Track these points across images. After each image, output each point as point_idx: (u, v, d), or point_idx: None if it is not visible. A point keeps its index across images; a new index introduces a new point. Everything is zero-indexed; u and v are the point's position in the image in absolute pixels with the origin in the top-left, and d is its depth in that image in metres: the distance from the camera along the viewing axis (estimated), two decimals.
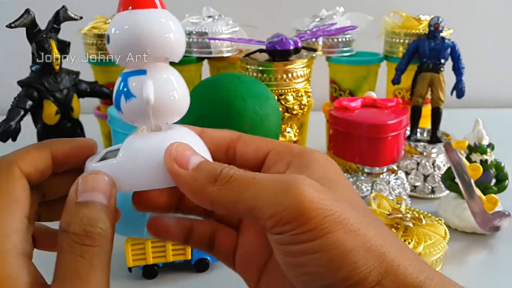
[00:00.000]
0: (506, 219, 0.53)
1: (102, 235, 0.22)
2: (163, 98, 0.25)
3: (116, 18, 0.25)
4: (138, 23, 0.24)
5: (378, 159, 0.57)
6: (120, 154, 0.25)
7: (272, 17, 0.98)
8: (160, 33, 0.25)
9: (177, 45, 0.26)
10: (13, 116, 0.58)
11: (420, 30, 0.68)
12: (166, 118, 0.26)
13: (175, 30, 0.25)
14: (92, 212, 0.22)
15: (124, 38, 0.25)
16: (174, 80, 0.26)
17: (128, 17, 0.25)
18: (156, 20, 0.25)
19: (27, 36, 0.58)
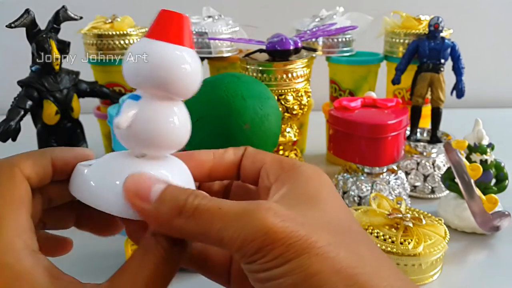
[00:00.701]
0: (506, 219, 0.53)
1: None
2: (144, 130, 0.24)
3: (144, 45, 0.25)
4: (160, 56, 0.24)
5: (378, 159, 0.57)
6: (92, 166, 0.25)
7: (272, 17, 0.98)
8: (174, 73, 0.24)
9: (186, 88, 0.25)
10: (13, 116, 0.58)
11: (420, 30, 0.68)
12: (145, 149, 0.25)
13: (189, 75, 0.25)
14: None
15: (140, 68, 0.24)
16: (165, 115, 0.25)
17: (151, 47, 0.24)
18: (177, 59, 0.24)
19: (27, 36, 0.58)
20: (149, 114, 0.25)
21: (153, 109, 0.25)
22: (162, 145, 0.25)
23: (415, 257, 0.45)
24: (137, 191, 0.23)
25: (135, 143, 0.25)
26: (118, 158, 0.26)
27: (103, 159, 0.26)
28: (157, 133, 0.25)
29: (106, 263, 0.49)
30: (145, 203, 0.22)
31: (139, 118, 0.24)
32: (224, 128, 0.49)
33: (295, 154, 0.69)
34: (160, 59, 0.24)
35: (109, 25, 0.70)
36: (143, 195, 0.22)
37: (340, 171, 0.63)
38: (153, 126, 0.24)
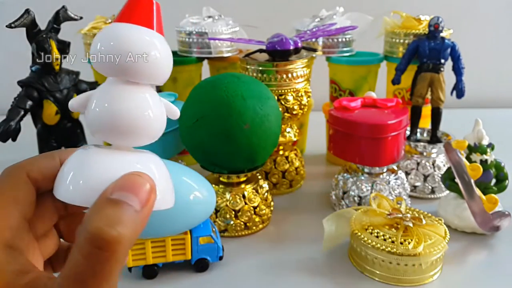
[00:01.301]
0: (506, 219, 0.53)
1: (117, 240, 0.20)
2: (101, 115, 0.23)
3: (110, 28, 0.24)
4: (118, 38, 0.23)
5: (378, 159, 0.57)
6: (72, 157, 0.24)
7: (272, 17, 0.98)
8: (140, 55, 0.23)
9: (153, 72, 0.24)
10: (13, 116, 0.58)
11: (420, 30, 0.68)
12: (107, 137, 0.24)
13: (157, 58, 0.23)
14: (117, 213, 0.21)
15: (102, 50, 0.23)
16: (127, 98, 0.23)
17: (113, 30, 0.23)
18: (139, 41, 0.23)
19: (27, 36, 0.58)
20: (107, 97, 0.23)
21: (112, 92, 0.23)
22: (125, 133, 0.23)
23: (415, 257, 0.45)
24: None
25: (93, 129, 0.24)
26: (86, 152, 0.24)
27: (80, 152, 0.24)
28: (115, 119, 0.23)
29: None
30: None
31: (97, 101, 0.23)
32: (224, 128, 0.49)
33: (295, 154, 0.69)
34: (125, 40, 0.23)
35: None
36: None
37: (340, 171, 0.63)
38: (111, 110, 0.23)
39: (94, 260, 0.20)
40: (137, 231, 0.21)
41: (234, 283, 0.47)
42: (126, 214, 0.21)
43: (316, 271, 0.49)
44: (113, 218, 0.20)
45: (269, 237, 0.55)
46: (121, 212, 0.21)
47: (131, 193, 0.21)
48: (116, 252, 0.20)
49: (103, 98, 0.23)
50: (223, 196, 0.54)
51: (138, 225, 0.21)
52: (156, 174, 0.24)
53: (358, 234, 0.47)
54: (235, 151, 0.51)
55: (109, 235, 0.20)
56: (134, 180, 0.22)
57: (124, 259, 0.21)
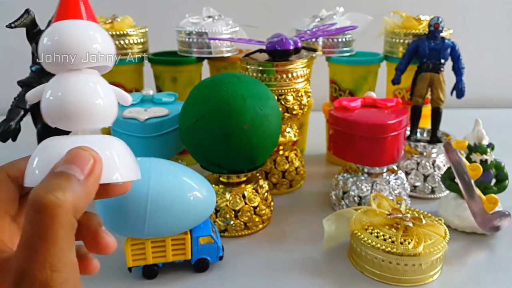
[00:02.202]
0: (506, 219, 0.53)
1: (55, 204, 0.21)
2: (51, 104, 0.26)
3: (51, 28, 0.26)
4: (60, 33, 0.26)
5: (378, 159, 0.57)
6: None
7: (272, 17, 0.98)
8: (76, 44, 0.26)
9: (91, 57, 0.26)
10: (13, 116, 0.58)
11: (420, 30, 0.68)
12: (61, 124, 0.27)
13: (94, 44, 0.26)
14: (60, 182, 0.22)
15: (48, 47, 0.26)
16: (69, 85, 0.26)
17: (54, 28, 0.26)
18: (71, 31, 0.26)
19: (27, 36, 0.58)
20: (58, 86, 0.26)
21: (60, 82, 0.26)
22: (76, 118, 0.26)
23: (415, 257, 0.45)
24: None
25: (47, 118, 0.26)
26: (54, 140, 0.27)
27: (47, 141, 0.27)
28: (65, 105, 0.25)
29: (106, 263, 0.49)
30: None
31: (50, 91, 0.26)
32: (224, 128, 0.49)
33: (295, 154, 0.69)
34: (63, 34, 0.25)
35: (109, 25, 0.70)
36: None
37: (340, 171, 0.63)
38: (61, 97, 0.25)
39: (37, 224, 0.21)
40: (80, 198, 0.23)
41: (234, 283, 0.47)
42: (66, 183, 0.23)
43: (316, 271, 0.49)
44: (53, 185, 0.22)
45: (269, 237, 0.55)
46: (62, 181, 0.23)
47: (73, 164, 0.23)
48: (56, 215, 0.21)
49: (54, 88, 0.26)
50: (223, 196, 0.54)
51: (81, 192, 0.23)
52: (105, 149, 0.26)
53: (358, 234, 0.47)
54: (235, 151, 0.51)
55: (46, 199, 0.21)
56: (76, 153, 0.24)
57: (69, 224, 0.22)
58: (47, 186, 0.22)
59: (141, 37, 0.72)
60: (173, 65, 0.72)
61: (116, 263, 0.49)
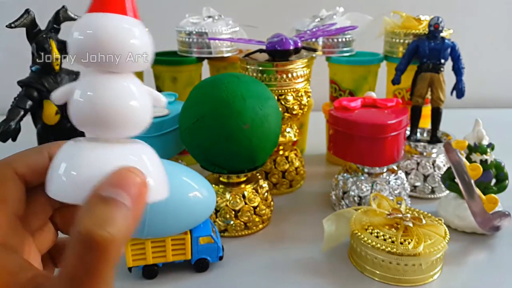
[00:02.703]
0: (506, 219, 0.53)
1: (108, 240, 0.20)
2: (83, 107, 0.23)
3: (85, 19, 0.23)
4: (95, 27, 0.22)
5: (378, 159, 0.57)
6: (60, 153, 0.24)
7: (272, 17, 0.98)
8: (119, 44, 0.22)
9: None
10: (13, 116, 0.58)
11: (420, 30, 0.68)
12: (91, 131, 0.23)
13: (136, 45, 0.23)
14: (109, 212, 0.20)
15: (79, 42, 0.23)
16: (107, 88, 0.23)
17: (89, 20, 0.23)
18: (120, 29, 0.22)
19: (27, 36, 0.58)
20: (86, 87, 0.23)
21: (91, 81, 0.23)
22: (106, 124, 0.23)
23: (415, 257, 0.45)
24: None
25: (77, 122, 0.23)
26: (74, 145, 0.23)
27: (62, 148, 0.24)
28: (96, 108, 0.22)
29: None
30: None
31: (76, 92, 0.23)
32: (224, 128, 0.49)
33: (295, 154, 0.69)
34: (102, 31, 0.22)
35: None
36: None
37: (340, 171, 0.63)
38: (90, 100, 0.22)
39: (87, 260, 0.20)
40: (129, 228, 0.21)
41: (234, 283, 0.47)
42: (117, 213, 0.20)
43: (316, 271, 0.49)
44: (104, 217, 0.20)
45: (269, 237, 0.55)
46: (112, 210, 0.20)
47: (122, 189, 0.21)
48: (108, 251, 0.20)
49: (86, 89, 0.23)
50: (223, 196, 0.54)
51: (130, 222, 0.21)
52: (148, 166, 0.23)
53: (358, 234, 0.47)
54: (235, 151, 0.51)
55: (99, 235, 0.19)
56: (125, 176, 0.21)
57: (118, 257, 0.21)
58: (98, 219, 0.20)
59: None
60: (173, 65, 0.72)
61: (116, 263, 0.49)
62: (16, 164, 0.25)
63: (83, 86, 0.23)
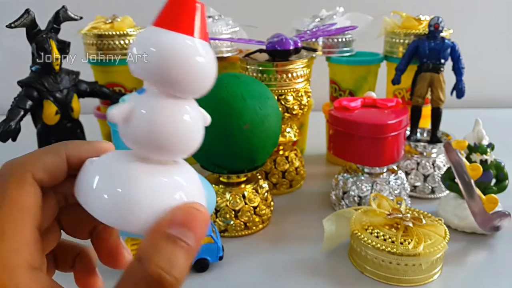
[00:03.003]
0: (506, 219, 0.53)
1: (173, 285, 0.19)
2: (144, 128, 0.22)
3: (150, 34, 0.22)
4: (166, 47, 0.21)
5: (378, 159, 0.57)
6: (97, 169, 0.22)
7: (272, 17, 0.98)
8: (184, 68, 0.21)
9: (196, 85, 0.22)
10: (13, 116, 0.58)
11: (420, 30, 0.68)
12: (146, 152, 0.23)
13: (201, 70, 0.22)
14: (176, 254, 0.20)
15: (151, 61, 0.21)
16: (170, 112, 0.22)
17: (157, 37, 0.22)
18: (187, 51, 0.21)
19: (27, 36, 0.58)
20: (151, 110, 0.22)
21: (156, 105, 0.22)
22: (166, 148, 0.22)
23: (415, 257, 0.45)
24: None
25: (135, 143, 0.22)
26: (125, 162, 0.22)
27: (108, 160, 0.23)
28: (160, 133, 0.22)
29: None
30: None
31: (139, 113, 0.22)
32: (224, 128, 0.49)
33: (295, 154, 0.69)
34: (168, 51, 0.21)
35: (109, 25, 0.70)
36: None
37: (340, 171, 0.63)
38: (154, 124, 0.22)
39: None
40: (189, 268, 0.21)
41: (234, 283, 0.47)
42: (183, 255, 0.20)
43: (316, 271, 0.49)
44: (172, 260, 0.20)
45: (269, 237, 0.55)
46: (179, 252, 0.20)
47: (189, 230, 0.21)
48: None
49: (150, 112, 0.22)
50: (223, 196, 0.54)
51: (191, 262, 0.21)
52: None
53: (358, 234, 0.47)
54: (235, 151, 0.51)
55: (168, 281, 0.19)
56: (192, 215, 0.21)
57: None
58: (166, 262, 0.20)
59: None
60: None
61: None
62: (33, 167, 0.22)
63: (147, 108, 0.22)
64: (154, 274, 0.19)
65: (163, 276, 0.19)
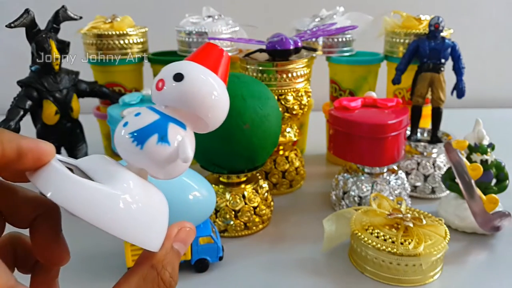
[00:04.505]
0: (506, 219, 0.53)
1: (171, 286, 0.25)
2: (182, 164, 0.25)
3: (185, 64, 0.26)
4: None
5: (378, 159, 0.57)
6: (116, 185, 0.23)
7: (272, 17, 0.98)
8: (208, 96, 0.26)
9: (215, 114, 0.27)
10: (12, 116, 0.58)
11: (420, 30, 0.68)
12: (161, 174, 0.25)
13: (220, 102, 0.27)
14: (176, 263, 0.26)
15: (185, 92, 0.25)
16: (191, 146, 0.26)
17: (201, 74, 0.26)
18: (212, 83, 0.26)
19: (26, 36, 0.58)
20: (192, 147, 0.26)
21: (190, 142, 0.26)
22: (166, 174, 0.26)
23: (416, 257, 0.44)
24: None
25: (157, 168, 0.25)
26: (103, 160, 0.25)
27: (124, 179, 0.23)
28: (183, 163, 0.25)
29: (106, 263, 0.49)
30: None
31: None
32: (224, 128, 0.49)
33: (295, 154, 0.69)
34: (198, 79, 0.25)
35: (108, 25, 0.70)
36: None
37: (340, 171, 0.63)
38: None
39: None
40: None
41: (234, 283, 0.47)
42: (177, 261, 0.26)
43: (316, 271, 0.48)
44: (174, 267, 0.25)
45: (269, 237, 0.55)
46: (177, 261, 0.26)
47: (185, 244, 0.27)
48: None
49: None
50: (223, 196, 0.54)
51: None
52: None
53: (358, 234, 0.47)
54: (235, 151, 0.50)
55: (173, 284, 0.25)
56: (189, 235, 0.27)
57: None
58: (171, 268, 0.25)
59: (141, 37, 0.72)
60: None
61: (116, 263, 0.49)
62: None
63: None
64: (166, 280, 0.25)
65: (171, 280, 0.25)
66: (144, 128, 0.24)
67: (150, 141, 0.23)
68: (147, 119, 0.24)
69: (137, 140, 0.24)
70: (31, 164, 0.22)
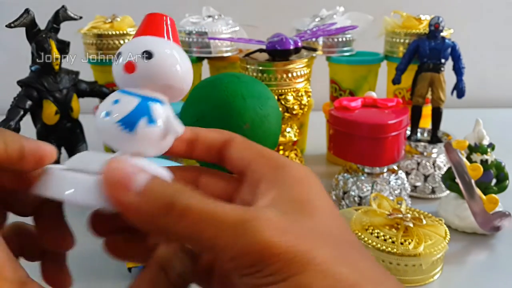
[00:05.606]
0: (506, 219, 0.52)
1: None
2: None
3: (139, 42, 0.26)
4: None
5: (378, 159, 0.57)
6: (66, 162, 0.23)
7: (272, 17, 0.98)
8: (174, 64, 0.26)
9: (182, 82, 0.27)
10: (12, 116, 0.58)
11: (420, 30, 0.68)
12: (149, 151, 0.25)
13: (183, 69, 0.27)
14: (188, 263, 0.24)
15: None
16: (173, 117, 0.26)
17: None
18: (173, 52, 0.26)
19: (26, 36, 0.58)
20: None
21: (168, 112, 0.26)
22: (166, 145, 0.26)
23: (416, 257, 0.44)
24: (118, 179, 0.20)
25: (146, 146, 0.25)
26: (95, 153, 0.24)
27: (77, 155, 0.24)
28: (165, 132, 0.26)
29: (106, 263, 0.49)
30: (126, 195, 0.20)
31: None
32: (224, 128, 0.49)
33: (295, 154, 0.69)
34: (165, 50, 0.25)
35: (108, 25, 0.70)
36: (124, 184, 0.20)
37: (340, 171, 0.63)
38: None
39: None
40: None
41: None
42: None
43: None
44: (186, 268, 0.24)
45: None
46: None
47: None
48: None
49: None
50: None
51: None
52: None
53: (359, 234, 0.47)
54: None
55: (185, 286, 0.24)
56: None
57: None
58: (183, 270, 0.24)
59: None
60: None
61: (116, 263, 0.49)
62: None
63: None
64: (177, 283, 0.23)
65: (181, 282, 0.23)
66: (130, 114, 0.24)
67: (140, 125, 0.23)
68: (130, 104, 0.24)
69: (128, 127, 0.23)
70: (32, 165, 0.22)
